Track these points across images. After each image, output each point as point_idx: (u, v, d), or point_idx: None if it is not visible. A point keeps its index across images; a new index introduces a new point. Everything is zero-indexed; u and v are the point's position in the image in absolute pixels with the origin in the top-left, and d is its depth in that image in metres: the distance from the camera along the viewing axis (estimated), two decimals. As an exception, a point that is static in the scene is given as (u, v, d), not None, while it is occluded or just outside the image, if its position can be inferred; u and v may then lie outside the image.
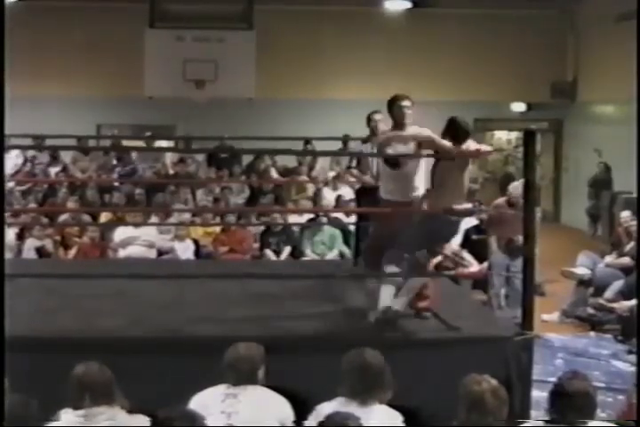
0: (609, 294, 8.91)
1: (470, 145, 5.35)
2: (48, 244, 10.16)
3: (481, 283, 9.31)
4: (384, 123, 6.22)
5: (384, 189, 5.74)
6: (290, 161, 14.86)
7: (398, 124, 5.60)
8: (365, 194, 6.84)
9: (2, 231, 4.33)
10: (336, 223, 10.47)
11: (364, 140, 7.01)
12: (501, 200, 9.02)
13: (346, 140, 11.83)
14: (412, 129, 5.58)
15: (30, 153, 13.93)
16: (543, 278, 9.89)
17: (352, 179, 8.90)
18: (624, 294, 8.65)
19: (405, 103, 5.59)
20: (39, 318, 5.23)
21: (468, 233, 9.76)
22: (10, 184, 11.40)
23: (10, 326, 3.73)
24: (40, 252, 10.01)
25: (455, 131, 5.29)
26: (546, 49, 16.59)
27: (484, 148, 5.42)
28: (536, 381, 5.27)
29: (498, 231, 8.88)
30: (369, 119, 6.91)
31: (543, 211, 15.18)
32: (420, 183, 5.61)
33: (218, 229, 10.68)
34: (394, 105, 5.61)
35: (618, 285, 8.90)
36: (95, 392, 3.86)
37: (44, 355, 4.63)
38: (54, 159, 14.11)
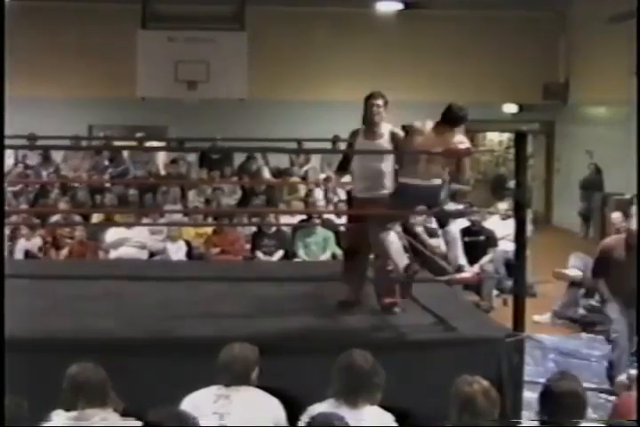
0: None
1: (464, 142, 5.37)
2: (40, 245, 10.15)
3: (473, 284, 9.33)
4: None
5: (357, 187, 5.81)
6: (282, 163, 14.88)
7: (369, 122, 5.64)
8: None
9: (2, 231, 4.33)
10: (328, 225, 10.47)
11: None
12: (613, 240, 7.57)
13: (335, 141, 11.85)
14: (385, 128, 5.65)
15: (21, 153, 13.93)
16: (535, 279, 9.93)
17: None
18: (615, 296, 8.66)
19: (376, 101, 5.61)
20: (30, 319, 5.21)
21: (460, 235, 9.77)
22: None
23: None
24: (31, 253, 10.00)
25: (449, 116, 5.35)
26: (538, 50, 16.63)
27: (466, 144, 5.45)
28: (527, 382, 5.28)
29: (611, 277, 7.18)
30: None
31: (535, 212, 15.23)
32: (389, 181, 5.64)
33: (209, 230, 10.67)
34: (366, 103, 5.63)
35: (609, 286, 8.91)
36: (87, 394, 3.86)
37: (35, 356, 4.62)
38: (46, 160, 14.10)
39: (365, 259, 5.79)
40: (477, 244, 9.85)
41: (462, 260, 5.37)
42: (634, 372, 5.34)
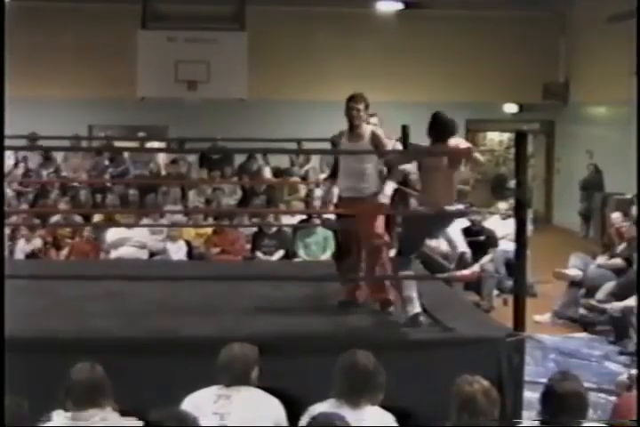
0: (600, 294, 8.92)
1: (460, 143, 5.36)
2: (40, 245, 10.15)
3: (474, 284, 9.34)
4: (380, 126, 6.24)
5: (341, 187, 5.83)
6: (282, 162, 14.87)
7: (350, 125, 5.71)
8: None
9: (2, 232, 4.33)
10: (328, 224, 10.45)
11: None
12: None
13: (334, 141, 11.79)
14: (366, 129, 5.69)
15: (22, 153, 13.92)
16: (535, 279, 9.93)
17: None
18: (615, 295, 8.67)
19: (356, 105, 5.64)
20: (30, 319, 5.21)
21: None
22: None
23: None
24: (32, 253, 10.00)
25: (439, 128, 5.27)
26: (538, 50, 16.62)
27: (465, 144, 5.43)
28: (528, 382, 5.27)
29: None
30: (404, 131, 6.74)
31: (535, 212, 15.23)
32: (374, 180, 5.67)
33: (210, 230, 10.66)
34: (347, 106, 5.68)
35: (609, 286, 8.92)
36: (88, 394, 3.85)
37: (36, 356, 4.62)
38: (47, 159, 14.10)
39: (358, 257, 5.80)
40: (478, 244, 9.85)
41: (464, 247, 5.36)
42: (634, 372, 5.33)
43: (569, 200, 16.19)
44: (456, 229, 5.59)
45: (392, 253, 5.72)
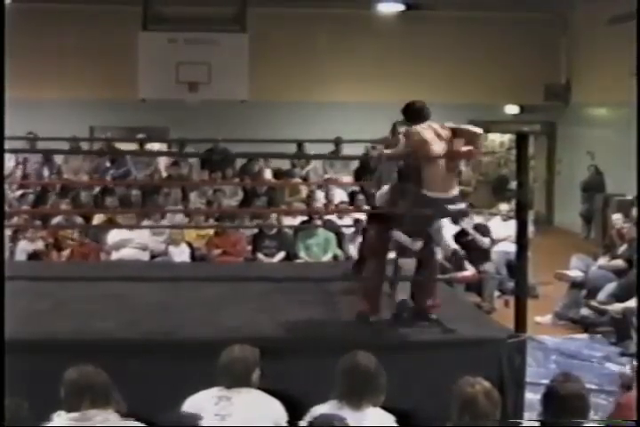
0: (602, 296, 8.92)
1: (460, 145, 5.35)
2: (41, 246, 10.14)
3: (474, 285, 9.33)
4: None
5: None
6: (283, 163, 14.86)
7: None
8: None
9: (2, 232, 4.33)
10: (329, 226, 10.45)
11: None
12: None
13: (338, 142, 11.80)
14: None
15: (22, 155, 13.89)
16: (536, 281, 9.93)
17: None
18: (617, 297, 8.66)
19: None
20: (31, 320, 5.21)
21: (457, 237, 9.73)
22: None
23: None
24: (33, 254, 9.99)
25: (409, 113, 5.32)
26: (539, 51, 16.62)
27: (477, 130, 5.41)
28: (529, 383, 5.27)
29: None
30: (394, 128, 6.57)
31: (536, 213, 15.23)
32: None
33: (211, 231, 10.65)
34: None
35: (611, 287, 8.92)
36: (89, 395, 3.85)
37: (36, 357, 4.62)
38: (47, 160, 14.09)
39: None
40: (473, 243, 9.82)
41: (454, 245, 5.35)
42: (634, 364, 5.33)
43: (570, 201, 16.18)
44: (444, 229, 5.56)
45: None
